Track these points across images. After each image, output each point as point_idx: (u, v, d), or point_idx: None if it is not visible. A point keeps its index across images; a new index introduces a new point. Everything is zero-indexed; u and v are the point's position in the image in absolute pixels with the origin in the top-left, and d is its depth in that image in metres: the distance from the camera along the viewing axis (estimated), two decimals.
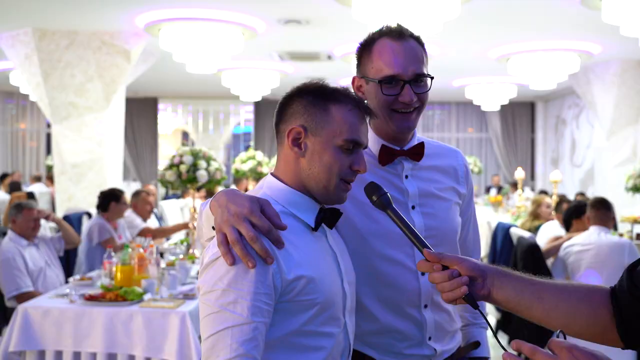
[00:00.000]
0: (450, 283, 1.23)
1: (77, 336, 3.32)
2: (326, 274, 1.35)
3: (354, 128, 1.36)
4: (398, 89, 1.52)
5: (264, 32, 6.80)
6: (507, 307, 1.26)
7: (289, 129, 1.36)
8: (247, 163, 8.53)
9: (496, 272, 1.26)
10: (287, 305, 1.28)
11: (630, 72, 8.58)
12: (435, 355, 1.61)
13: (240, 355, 1.19)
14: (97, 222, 5.25)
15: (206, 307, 1.25)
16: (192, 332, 3.27)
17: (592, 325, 1.21)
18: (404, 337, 1.57)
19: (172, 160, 4.99)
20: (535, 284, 1.25)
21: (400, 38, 1.55)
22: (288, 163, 1.38)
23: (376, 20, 5.45)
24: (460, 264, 1.24)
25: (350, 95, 1.38)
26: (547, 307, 1.22)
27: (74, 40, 6.78)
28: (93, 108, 6.94)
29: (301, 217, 1.37)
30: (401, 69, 1.51)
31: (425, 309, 1.58)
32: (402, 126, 1.55)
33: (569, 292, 1.24)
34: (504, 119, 13.25)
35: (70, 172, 7.00)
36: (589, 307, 1.22)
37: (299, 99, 1.38)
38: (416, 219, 1.57)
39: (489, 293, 1.25)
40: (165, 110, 14.70)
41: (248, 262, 1.21)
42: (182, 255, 5.07)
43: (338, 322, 1.37)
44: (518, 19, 6.47)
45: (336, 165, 1.35)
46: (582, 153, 11.43)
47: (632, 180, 5.51)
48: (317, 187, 1.36)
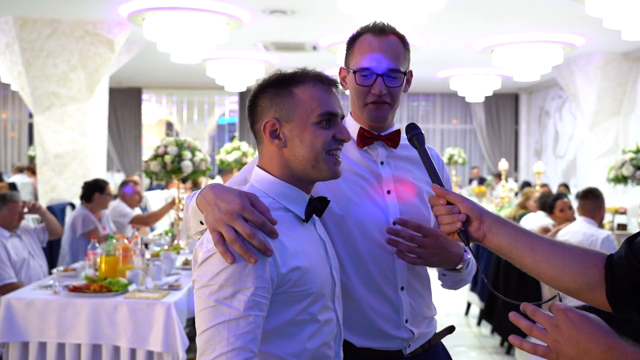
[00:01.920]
0: (449, 216, 1.34)
1: (61, 327, 3.31)
2: (318, 264, 1.37)
3: (324, 101, 1.37)
4: (371, 81, 1.61)
5: (249, 22, 6.77)
6: (500, 252, 1.34)
7: (263, 125, 1.37)
8: (232, 154, 8.50)
9: (494, 218, 1.34)
10: (283, 296, 1.29)
11: (612, 64, 8.66)
12: (413, 338, 1.67)
13: (237, 349, 1.20)
14: (81, 213, 5.21)
15: (202, 301, 1.24)
16: (178, 322, 3.26)
17: (580, 282, 1.26)
18: (382, 318, 1.63)
19: (157, 151, 4.97)
20: (530, 236, 1.31)
21: (380, 34, 1.65)
22: (272, 158, 1.39)
23: (361, 11, 5.45)
24: (462, 203, 1.35)
25: (309, 73, 1.40)
26: (538, 258, 1.29)
27: (56, 29, 6.70)
28: (76, 98, 6.87)
29: (292, 208, 1.38)
30: (375, 62, 1.61)
31: (402, 291, 1.65)
32: (373, 116, 1.64)
33: (563, 248, 1.30)
34: (488, 110, 13.33)
35: (53, 162, 6.93)
36: (580, 265, 1.26)
37: (263, 95, 1.39)
38: (391, 203, 1.65)
39: (483, 236, 1.34)
40: (150, 101, 14.59)
41: (250, 258, 1.21)
42: (167, 246, 5.06)
43: (329, 309, 1.40)
44: (503, 10, 6.49)
45: (318, 141, 1.36)
46: (564, 144, 11.53)
47: (614, 171, 5.58)
48: (307, 170, 1.37)
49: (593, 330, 1.00)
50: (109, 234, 4.55)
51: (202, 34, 6.39)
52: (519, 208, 6.46)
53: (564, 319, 1.03)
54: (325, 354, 1.38)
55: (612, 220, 6.79)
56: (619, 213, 7.05)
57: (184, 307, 3.51)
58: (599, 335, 1.00)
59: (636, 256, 1.20)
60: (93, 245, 4.01)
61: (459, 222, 1.33)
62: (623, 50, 8.48)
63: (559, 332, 1.03)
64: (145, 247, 4.18)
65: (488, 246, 1.34)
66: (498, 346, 5.42)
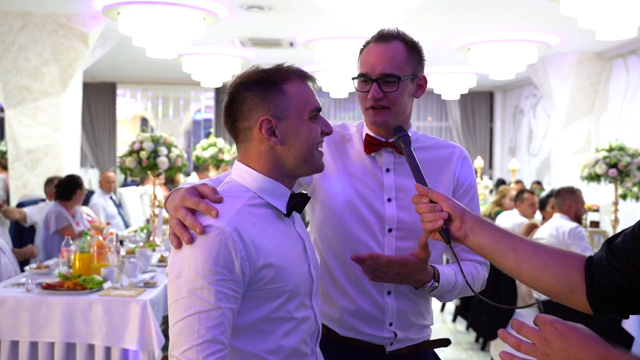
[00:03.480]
0: (431, 214, 1.35)
1: (33, 326, 3.25)
2: (295, 262, 1.37)
3: (311, 96, 1.40)
4: (368, 86, 1.65)
5: (226, 17, 6.72)
6: (481, 252, 1.34)
7: (258, 123, 1.35)
8: (208, 150, 8.44)
9: (476, 218, 1.35)
10: (257, 293, 1.30)
11: (585, 63, 8.78)
12: (396, 339, 1.69)
13: (208, 341, 1.21)
14: (55, 209, 5.13)
15: (174, 292, 1.26)
16: (154, 320, 3.23)
17: (561, 284, 1.26)
18: (366, 317, 1.68)
19: (132, 147, 4.91)
20: (512, 237, 1.31)
21: (380, 40, 1.68)
22: (261, 155, 1.37)
23: (339, 8, 5.44)
24: (444, 201, 1.36)
25: (291, 69, 1.40)
26: (520, 259, 1.28)
27: (28, 22, 6.57)
28: (49, 92, 6.75)
29: (274, 203, 1.38)
30: (369, 68, 1.65)
31: (388, 295, 1.68)
32: (373, 120, 1.67)
33: (544, 250, 1.29)
34: (464, 108, 13.43)
35: (25, 158, 6.81)
36: (561, 267, 1.26)
37: (249, 93, 1.36)
38: (389, 211, 1.67)
39: (465, 236, 1.34)
40: (124, 96, 14.41)
41: (184, 237, 1.25)
42: (143, 243, 5.01)
43: (306, 307, 1.40)
44: (479, 9, 6.54)
45: (312, 135, 1.39)
46: (538, 142, 11.67)
47: (587, 169, 5.66)
48: (299, 164, 1.39)
49: (583, 340, 0.99)
50: (84, 230, 4.48)
51: (178, 29, 6.32)
52: (494, 205, 6.53)
53: (552, 332, 1.01)
54: (302, 351, 1.39)
55: (585, 218, 6.88)
56: (592, 211, 7.16)
57: (160, 305, 3.48)
58: (590, 345, 0.98)
59: (616, 257, 1.20)
60: (67, 242, 3.95)
61: (441, 220, 1.34)
62: (596, 50, 8.61)
63: (549, 346, 1.01)
64: (120, 244, 4.14)
65: (469, 246, 1.34)
66: (473, 342, 5.47)
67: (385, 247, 1.67)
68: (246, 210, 1.31)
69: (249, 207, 1.33)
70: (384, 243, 1.66)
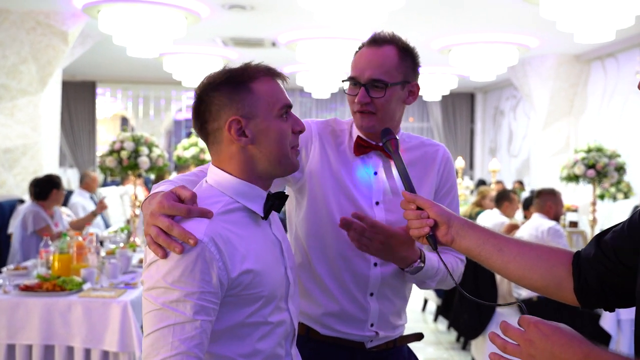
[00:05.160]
0: (418, 221, 1.37)
1: (11, 328, 3.21)
2: (271, 266, 1.35)
3: (280, 94, 1.37)
4: (357, 90, 1.64)
5: (208, 16, 6.68)
6: (469, 255, 1.37)
7: (227, 124, 1.32)
8: (189, 150, 8.39)
9: (462, 222, 1.37)
10: (233, 299, 1.28)
11: (565, 65, 8.88)
12: (377, 337, 1.73)
13: (181, 353, 1.18)
14: (32, 209, 5.07)
15: (149, 303, 1.23)
16: (134, 321, 3.20)
17: (548, 280, 1.30)
18: (348, 318, 1.70)
19: (113, 146, 4.87)
20: (497, 238, 1.35)
21: (372, 44, 1.66)
22: (233, 157, 1.35)
23: (321, 8, 5.44)
24: (430, 208, 1.38)
25: (259, 67, 1.38)
26: (506, 259, 1.32)
27: (5, 19, 6.48)
28: (27, 91, 6.67)
29: (250, 206, 1.35)
30: (359, 72, 1.64)
31: (370, 297, 1.70)
32: (359, 124, 1.67)
33: (530, 248, 1.33)
34: (445, 109, 13.51)
35: (2, 157, 6.71)
36: (547, 264, 1.30)
37: (217, 93, 1.34)
38: (378, 214, 1.68)
39: (452, 240, 1.36)
40: (104, 95, 14.28)
41: (174, 248, 1.20)
42: (123, 243, 4.96)
43: (281, 310, 1.39)
44: (460, 11, 6.58)
45: (284, 134, 1.36)
46: (518, 143, 11.78)
47: (566, 170, 5.72)
48: (272, 165, 1.36)
49: (567, 340, 1.01)
50: (62, 231, 4.43)
51: (160, 28, 6.27)
52: (474, 206, 6.59)
53: (536, 332, 1.03)
54: (276, 354, 1.38)
55: (564, 218, 6.97)
56: (571, 211, 7.25)
57: (140, 306, 3.44)
58: (574, 344, 1.00)
59: (604, 254, 1.24)
60: (45, 242, 3.90)
61: (427, 227, 1.36)
62: (575, 53, 8.71)
63: (534, 347, 1.03)
64: (100, 245, 4.09)
65: (457, 249, 1.37)
66: (454, 342, 5.51)
67: None
68: (221, 217, 1.28)
69: (225, 214, 1.30)
70: None
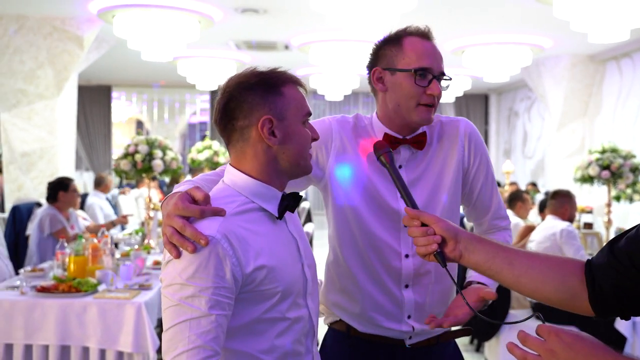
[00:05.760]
0: (424, 238, 1.32)
1: (28, 329, 3.25)
2: (287, 262, 1.38)
3: (304, 102, 1.43)
4: (427, 82, 1.64)
5: (221, 20, 6.73)
6: (478, 270, 1.32)
7: (260, 122, 1.35)
8: (203, 153, 8.45)
9: (469, 237, 1.32)
10: (249, 295, 1.31)
11: (579, 66, 8.82)
12: (414, 332, 1.72)
13: (198, 347, 1.23)
14: (49, 212, 5.13)
15: (167, 300, 1.28)
16: (148, 322, 3.24)
17: (561, 292, 1.25)
18: (382, 311, 1.71)
19: (127, 149, 4.92)
20: (507, 251, 1.30)
21: (428, 38, 1.68)
22: (257, 156, 1.38)
23: (334, 11, 5.46)
24: (436, 224, 1.32)
25: (289, 75, 1.43)
26: (517, 273, 1.27)
27: (23, 25, 6.58)
28: (44, 95, 6.75)
29: (265, 207, 1.39)
30: (434, 63, 1.65)
31: (405, 289, 1.71)
32: (423, 118, 1.67)
33: (540, 260, 1.28)
34: (459, 110, 13.47)
35: (19, 161, 6.81)
36: (559, 275, 1.25)
37: (252, 92, 1.37)
38: (403, 206, 1.65)
39: (460, 256, 1.31)
40: (119, 99, 14.41)
41: (187, 247, 1.25)
42: (137, 245, 5.01)
43: (300, 307, 1.41)
44: (473, 12, 6.58)
45: (306, 139, 1.42)
46: (533, 144, 11.71)
47: (581, 171, 5.68)
48: (293, 166, 1.41)
49: (590, 349, 0.97)
50: (78, 233, 4.48)
51: (174, 32, 6.33)
52: None
53: (558, 342, 0.99)
54: (296, 351, 1.40)
55: (579, 220, 6.92)
56: (586, 212, 7.20)
57: (154, 307, 3.48)
58: (598, 353, 0.97)
59: (619, 260, 1.20)
60: (61, 244, 3.95)
61: (435, 245, 1.31)
62: (590, 53, 8.65)
63: (556, 357, 0.99)
64: (115, 247, 4.14)
65: (466, 264, 1.33)
66: (468, 344, 5.49)
67: (402, 243, 1.69)
68: (235, 215, 1.32)
69: (239, 213, 1.34)
70: (401, 238, 1.69)
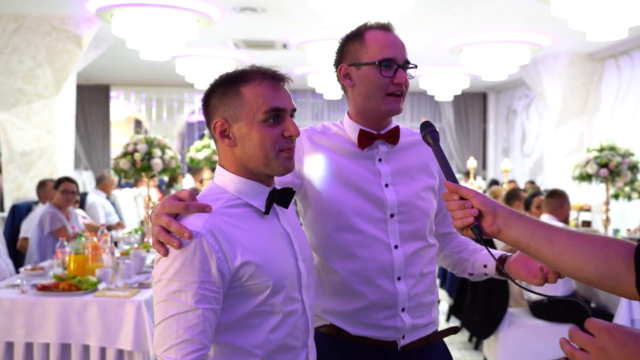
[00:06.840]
0: (461, 211, 1.32)
1: (29, 327, 3.26)
2: (277, 257, 1.39)
3: (269, 98, 1.38)
4: (392, 72, 1.66)
5: (219, 19, 6.74)
6: (517, 246, 1.29)
7: (213, 125, 1.40)
8: (202, 152, 8.46)
9: (509, 212, 1.31)
10: (239, 290, 1.34)
11: (577, 64, 8.84)
12: (406, 328, 1.70)
13: (186, 341, 1.26)
14: (49, 211, 5.14)
15: (156, 295, 1.32)
16: (148, 320, 3.25)
17: (603, 273, 1.20)
18: (377, 308, 1.68)
19: (126, 148, 4.92)
20: (547, 228, 1.27)
21: (389, 30, 1.71)
22: (226, 155, 1.42)
23: (332, 10, 5.47)
24: (474, 197, 1.32)
25: (258, 70, 1.41)
26: (557, 251, 1.24)
27: (21, 25, 6.58)
28: (42, 95, 6.76)
29: (252, 202, 1.40)
30: (397, 53, 1.67)
31: (398, 281, 1.68)
32: (393, 108, 1.68)
33: (583, 239, 1.24)
34: (457, 109, 13.48)
35: (18, 160, 6.81)
36: (602, 256, 1.21)
37: (214, 94, 1.41)
38: (389, 195, 1.69)
39: (498, 231, 1.30)
40: (118, 98, 14.40)
41: (172, 243, 1.28)
42: (137, 244, 5.02)
43: (295, 300, 1.42)
44: (471, 10, 6.58)
45: (266, 139, 1.38)
46: (531, 143, 11.73)
47: (579, 169, 5.70)
48: (259, 166, 1.40)
49: None
50: (78, 232, 4.49)
51: (172, 31, 6.34)
52: None
53: (609, 340, 0.93)
54: (291, 345, 1.41)
55: (577, 218, 6.94)
56: (584, 210, 7.22)
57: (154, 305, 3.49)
58: None
59: None
60: (62, 243, 3.95)
61: (471, 217, 1.31)
62: (588, 51, 8.67)
63: (607, 356, 0.92)
64: (114, 246, 4.15)
65: (504, 240, 1.30)
66: (466, 342, 5.51)
67: (390, 234, 1.68)
68: (222, 211, 1.34)
69: (226, 209, 1.36)
70: (388, 229, 1.68)
